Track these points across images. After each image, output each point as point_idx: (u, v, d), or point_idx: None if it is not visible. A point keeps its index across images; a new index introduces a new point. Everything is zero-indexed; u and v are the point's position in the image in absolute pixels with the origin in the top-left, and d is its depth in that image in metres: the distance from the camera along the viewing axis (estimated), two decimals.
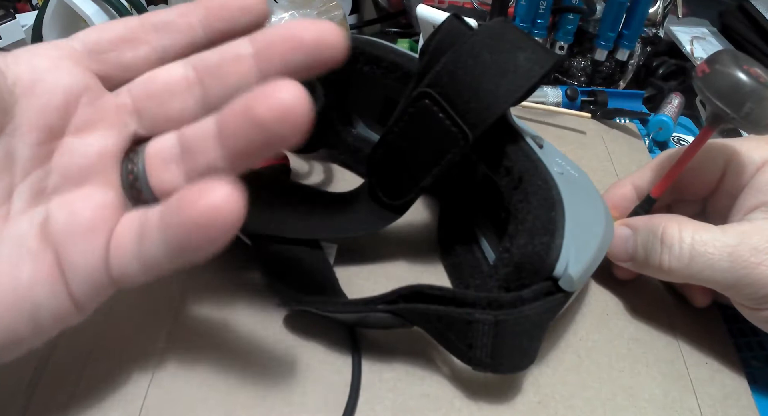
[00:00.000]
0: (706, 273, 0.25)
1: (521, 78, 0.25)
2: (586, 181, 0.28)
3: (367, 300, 0.24)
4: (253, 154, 0.19)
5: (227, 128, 0.19)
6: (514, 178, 0.26)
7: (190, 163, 0.20)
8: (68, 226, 0.19)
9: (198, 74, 0.21)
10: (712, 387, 0.27)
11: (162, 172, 0.20)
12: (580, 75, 0.51)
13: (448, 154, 0.26)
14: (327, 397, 0.24)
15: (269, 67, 0.20)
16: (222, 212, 0.17)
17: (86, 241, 0.19)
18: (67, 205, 0.19)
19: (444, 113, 0.25)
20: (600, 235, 0.26)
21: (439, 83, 0.25)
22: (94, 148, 0.20)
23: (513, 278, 0.24)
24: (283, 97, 0.17)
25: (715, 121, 0.26)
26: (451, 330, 0.23)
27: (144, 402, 0.23)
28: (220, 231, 0.17)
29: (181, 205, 0.17)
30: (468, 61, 0.25)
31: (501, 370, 0.24)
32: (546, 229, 0.23)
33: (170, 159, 0.20)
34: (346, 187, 0.32)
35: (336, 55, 0.19)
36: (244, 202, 0.17)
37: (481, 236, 0.31)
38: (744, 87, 0.24)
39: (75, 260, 0.19)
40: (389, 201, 0.28)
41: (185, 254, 0.18)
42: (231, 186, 0.17)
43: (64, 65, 0.20)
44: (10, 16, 0.44)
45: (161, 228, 0.18)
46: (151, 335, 0.26)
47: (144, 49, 0.21)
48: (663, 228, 0.26)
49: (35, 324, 0.19)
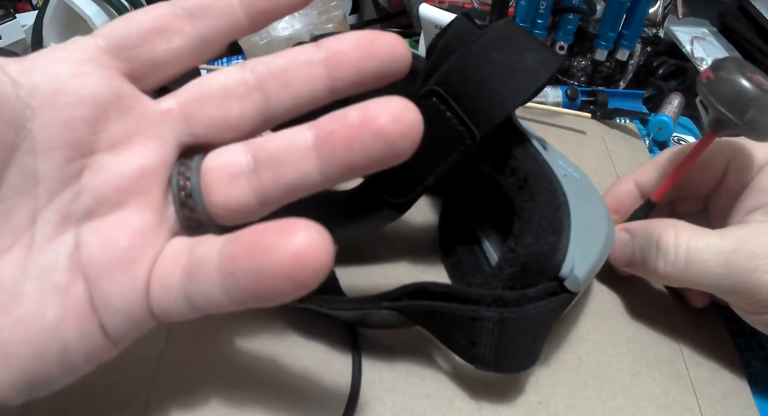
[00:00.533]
0: (703, 279, 0.25)
1: (529, 79, 0.25)
2: (588, 184, 0.28)
3: (371, 298, 0.24)
4: (360, 168, 0.17)
5: (335, 139, 0.17)
6: (520, 178, 0.26)
7: (270, 177, 0.17)
8: (102, 256, 0.17)
9: (259, 78, 0.18)
10: (712, 387, 0.27)
11: (228, 187, 0.18)
12: (580, 75, 0.51)
13: (454, 152, 0.26)
14: (327, 397, 0.24)
15: (340, 74, 0.18)
16: (312, 257, 0.15)
17: (123, 273, 0.17)
18: (101, 231, 0.17)
19: (451, 112, 0.25)
20: (603, 237, 0.26)
21: (448, 81, 0.25)
22: (132, 166, 0.17)
23: (518, 277, 0.24)
24: (404, 109, 0.16)
25: (718, 126, 0.26)
26: (455, 328, 0.23)
27: (144, 402, 0.23)
28: (309, 279, 0.15)
29: (258, 247, 0.15)
30: (477, 60, 0.25)
31: (504, 369, 0.24)
32: (552, 230, 0.23)
33: (239, 173, 0.18)
34: (346, 186, 0.32)
35: (404, 68, 0.18)
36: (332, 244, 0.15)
37: (483, 236, 0.31)
38: (748, 94, 0.24)
39: (110, 295, 0.17)
40: (391, 199, 0.28)
41: (256, 302, 0.16)
42: (316, 225, 0.15)
43: (88, 70, 0.17)
44: (10, 16, 0.44)
45: (224, 271, 0.16)
46: (151, 335, 0.25)
47: (178, 39, 0.18)
48: (659, 233, 0.26)
49: (66, 364, 0.17)
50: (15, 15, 0.44)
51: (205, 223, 0.18)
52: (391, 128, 0.16)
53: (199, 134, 0.19)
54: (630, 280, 0.31)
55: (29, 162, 0.16)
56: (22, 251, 0.17)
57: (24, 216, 0.17)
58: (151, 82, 0.19)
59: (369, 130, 0.16)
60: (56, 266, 0.17)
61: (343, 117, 0.17)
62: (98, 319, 0.17)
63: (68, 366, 0.17)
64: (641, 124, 0.46)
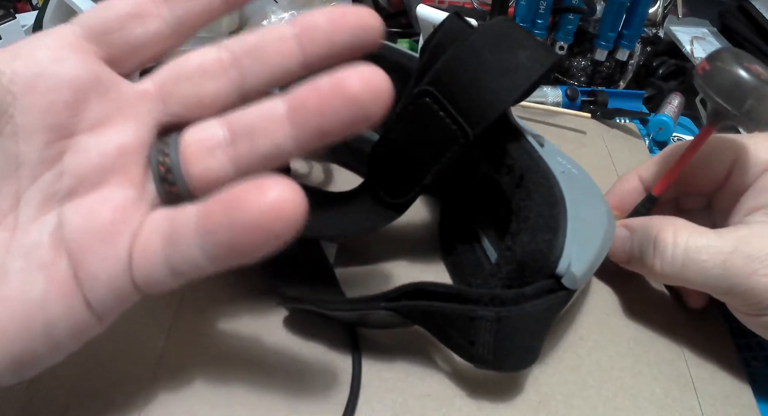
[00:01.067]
0: (700, 279, 0.25)
1: (522, 76, 0.25)
2: (587, 180, 0.28)
3: (370, 298, 0.24)
4: (332, 134, 0.18)
5: (307, 107, 0.17)
6: (516, 176, 0.26)
7: (246, 148, 0.18)
8: (84, 231, 0.17)
9: (233, 56, 0.19)
10: (712, 386, 0.27)
11: (206, 159, 0.18)
12: (580, 75, 0.51)
13: (447, 152, 0.26)
14: (327, 397, 0.24)
15: (313, 47, 0.19)
16: (286, 210, 0.16)
17: (106, 246, 0.17)
18: (83, 208, 0.18)
19: (444, 111, 0.25)
20: (602, 234, 0.26)
21: (440, 81, 0.25)
22: (111, 145, 0.18)
23: (516, 276, 0.24)
24: (373, 74, 0.17)
25: (716, 118, 0.26)
26: (454, 327, 0.23)
27: (144, 402, 0.23)
28: (283, 231, 0.16)
29: (233, 203, 0.16)
30: (469, 59, 0.25)
31: (503, 368, 0.24)
32: (548, 227, 0.23)
33: (216, 145, 0.18)
34: (346, 186, 0.32)
35: (376, 39, 0.19)
36: (305, 199, 0.16)
37: (482, 235, 0.31)
38: (745, 84, 0.24)
39: (93, 268, 0.17)
40: (390, 199, 0.28)
41: (233, 258, 0.17)
42: (290, 180, 0.16)
43: (67, 55, 0.18)
44: (10, 16, 0.44)
45: (202, 230, 0.17)
46: (151, 335, 0.26)
47: (154, 22, 0.19)
48: (657, 230, 0.26)
49: (52, 340, 0.17)
50: (15, 15, 0.44)
51: (185, 197, 0.18)
52: (361, 92, 0.17)
53: (177, 112, 0.19)
54: (630, 280, 0.31)
55: (11, 146, 0.17)
56: (6, 232, 0.17)
57: (7, 199, 0.17)
58: (129, 65, 0.19)
59: (339, 95, 0.17)
60: (40, 244, 0.17)
61: (314, 85, 0.18)
62: (82, 294, 0.17)
63: (54, 342, 0.17)
64: (641, 124, 0.46)
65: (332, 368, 0.25)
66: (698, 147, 0.27)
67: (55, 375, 0.24)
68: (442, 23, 0.27)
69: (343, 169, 0.36)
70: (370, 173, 0.29)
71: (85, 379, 0.24)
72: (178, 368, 0.24)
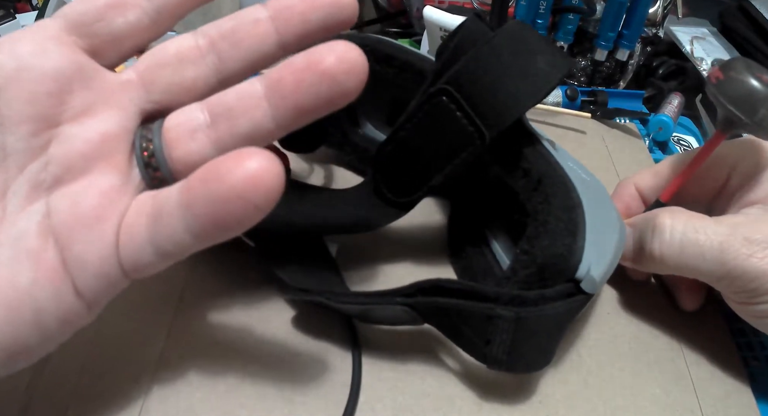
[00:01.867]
0: (697, 261, 0.25)
1: (541, 81, 0.25)
2: (597, 185, 0.28)
3: (384, 293, 0.24)
4: (311, 111, 0.18)
5: (283, 85, 0.18)
6: (533, 180, 0.25)
7: (226, 129, 0.18)
8: (71, 217, 0.18)
9: (210, 41, 0.19)
10: (712, 386, 0.27)
11: (187, 142, 0.19)
12: (580, 75, 0.51)
13: (462, 152, 0.26)
14: (327, 397, 0.24)
15: (288, 28, 0.19)
16: (264, 179, 0.16)
17: (93, 231, 0.17)
18: (69, 195, 0.18)
19: (462, 112, 0.25)
20: (616, 238, 0.25)
21: (459, 81, 0.25)
22: (95, 133, 0.18)
23: (535, 279, 0.23)
24: (347, 50, 0.17)
25: (728, 126, 0.26)
26: (469, 326, 0.23)
27: (144, 402, 0.23)
28: (262, 201, 0.16)
29: (213, 175, 0.16)
30: (489, 61, 0.25)
31: (516, 369, 0.23)
32: (568, 231, 0.23)
33: (197, 128, 0.19)
34: (349, 183, 0.32)
35: (351, 16, 0.19)
36: (283, 170, 0.16)
37: (492, 238, 0.31)
38: (758, 94, 0.24)
39: (81, 254, 0.17)
40: (394, 198, 0.28)
41: (215, 232, 0.17)
42: (267, 152, 0.16)
43: (50, 47, 0.18)
44: (10, 16, 0.44)
45: (183, 204, 0.17)
46: (151, 335, 0.26)
47: (134, 12, 0.19)
48: (655, 216, 0.26)
49: (41, 329, 0.18)
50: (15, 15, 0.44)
51: (169, 181, 0.19)
52: (337, 68, 0.17)
53: (158, 100, 0.20)
54: (631, 279, 0.31)
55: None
56: None
57: None
58: (112, 56, 0.20)
59: (315, 71, 0.17)
60: (28, 233, 0.17)
61: (290, 63, 0.18)
62: (71, 280, 0.18)
63: (43, 331, 0.18)
64: (641, 124, 0.46)
65: (332, 368, 0.25)
66: (708, 153, 0.27)
67: (55, 376, 0.24)
68: (462, 24, 0.26)
69: (343, 170, 0.36)
70: (376, 170, 0.29)
71: (85, 379, 0.24)
72: (178, 368, 0.24)
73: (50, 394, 0.23)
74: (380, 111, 0.35)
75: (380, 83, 0.33)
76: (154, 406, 0.23)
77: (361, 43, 0.32)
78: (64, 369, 0.24)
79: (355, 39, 0.32)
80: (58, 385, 0.23)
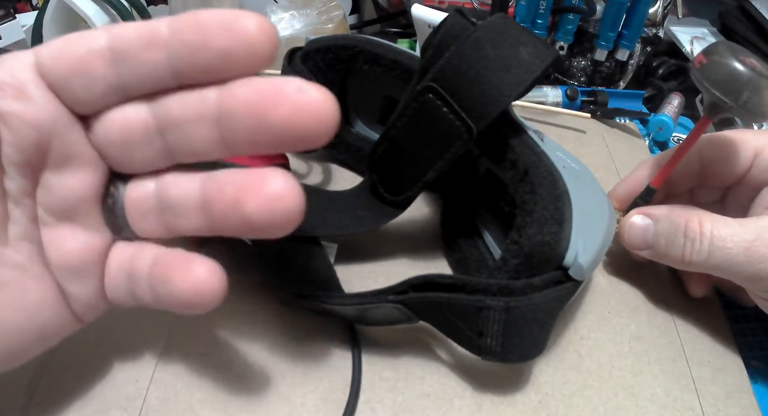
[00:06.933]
0: (724, 266, 0.25)
1: (524, 72, 0.25)
2: (587, 174, 0.28)
3: (376, 292, 0.24)
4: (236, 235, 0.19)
5: (214, 209, 0.18)
6: (520, 171, 0.26)
7: (170, 220, 0.20)
8: (62, 264, 0.20)
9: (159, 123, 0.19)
10: (714, 386, 0.27)
11: (141, 221, 0.20)
12: (580, 75, 0.51)
13: (452, 147, 0.26)
14: (327, 397, 0.24)
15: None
16: (207, 290, 0.18)
17: (80, 280, 0.20)
18: (57, 242, 0.20)
19: (448, 107, 0.25)
20: (605, 226, 0.26)
21: (443, 77, 0.25)
22: (72, 190, 0.19)
23: (523, 268, 0.24)
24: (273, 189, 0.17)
25: (713, 110, 0.26)
26: (461, 319, 0.23)
27: (144, 402, 0.23)
28: (205, 305, 0.18)
29: (166, 277, 0.19)
30: (472, 55, 0.25)
31: (510, 359, 0.23)
32: (554, 219, 0.23)
33: (148, 210, 0.20)
34: (346, 186, 0.32)
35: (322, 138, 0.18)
36: (226, 279, 0.19)
37: (484, 230, 0.31)
38: (741, 76, 0.24)
39: (72, 292, 0.20)
40: (391, 197, 0.28)
41: (177, 311, 0.19)
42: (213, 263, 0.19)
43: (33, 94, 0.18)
44: (10, 16, 0.44)
45: (150, 286, 0.19)
46: (151, 335, 0.25)
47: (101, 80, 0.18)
48: (686, 221, 0.26)
49: (42, 339, 0.20)
50: (15, 15, 0.44)
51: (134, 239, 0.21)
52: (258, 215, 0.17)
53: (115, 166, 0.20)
54: (632, 278, 0.31)
55: None
56: None
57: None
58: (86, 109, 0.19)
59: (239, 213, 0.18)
60: (31, 260, 0.19)
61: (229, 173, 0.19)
62: (68, 304, 0.20)
63: (43, 341, 0.20)
64: (641, 124, 0.46)
65: (332, 368, 0.25)
66: (696, 138, 0.27)
67: (56, 376, 0.24)
68: (444, 21, 0.27)
69: (342, 169, 0.36)
70: (371, 170, 0.29)
71: (85, 379, 0.24)
72: (179, 368, 0.24)
73: (50, 394, 0.23)
74: (372, 109, 0.35)
75: (369, 82, 0.33)
76: (154, 406, 0.23)
77: (349, 45, 0.33)
78: (64, 369, 0.24)
79: (342, 40, 0.32)
80: (58, 385, 0.23)
